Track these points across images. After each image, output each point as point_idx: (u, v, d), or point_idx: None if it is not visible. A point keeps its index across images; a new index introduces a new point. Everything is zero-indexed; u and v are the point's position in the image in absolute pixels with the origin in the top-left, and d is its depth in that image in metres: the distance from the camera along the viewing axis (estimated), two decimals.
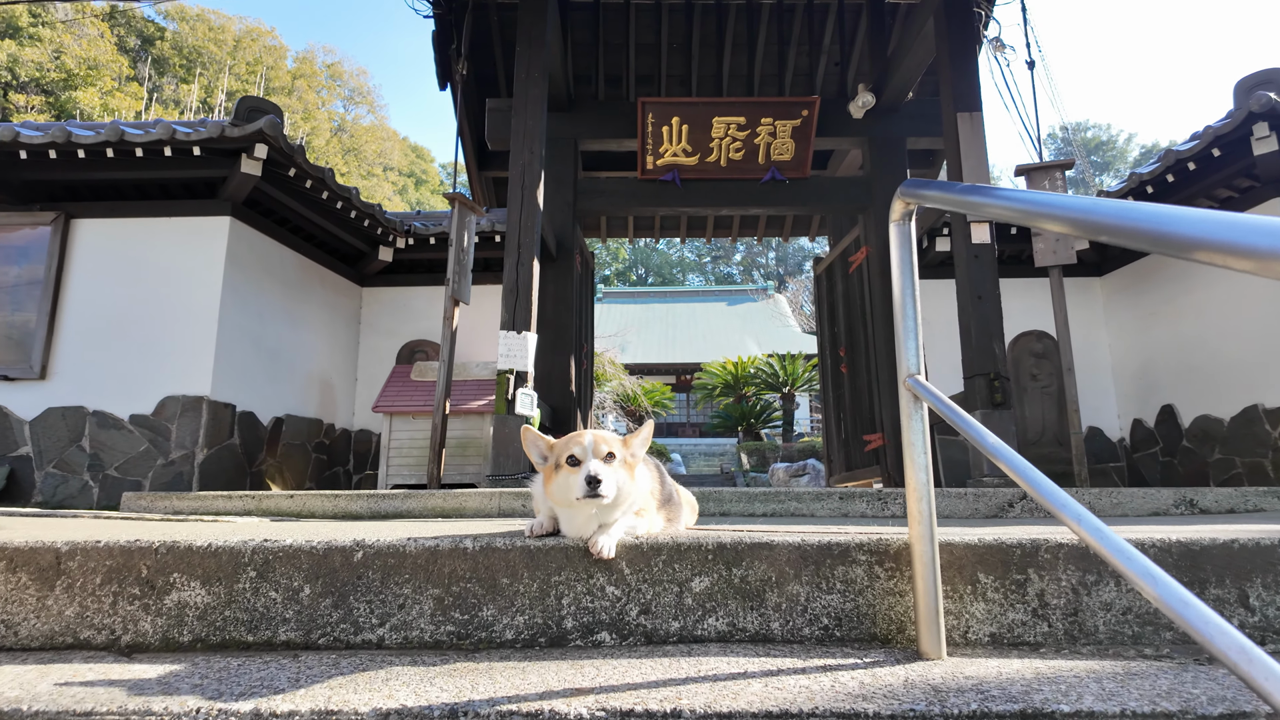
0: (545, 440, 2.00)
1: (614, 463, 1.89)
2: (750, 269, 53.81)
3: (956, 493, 4.90)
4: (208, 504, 4.92)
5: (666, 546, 1.96)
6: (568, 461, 1.89)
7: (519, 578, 1.94)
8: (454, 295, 5.94)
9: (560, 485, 1.89)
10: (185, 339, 5.99)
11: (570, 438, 1.94)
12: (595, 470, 1.80)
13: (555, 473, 1.92)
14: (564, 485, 1.88)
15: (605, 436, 1.94)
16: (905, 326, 1.92)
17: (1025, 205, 1.29)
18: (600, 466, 1.83)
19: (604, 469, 1.83)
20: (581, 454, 1.87)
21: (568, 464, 1.89)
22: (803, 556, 1.95)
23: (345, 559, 1.96)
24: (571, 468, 1.87)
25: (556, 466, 1.93)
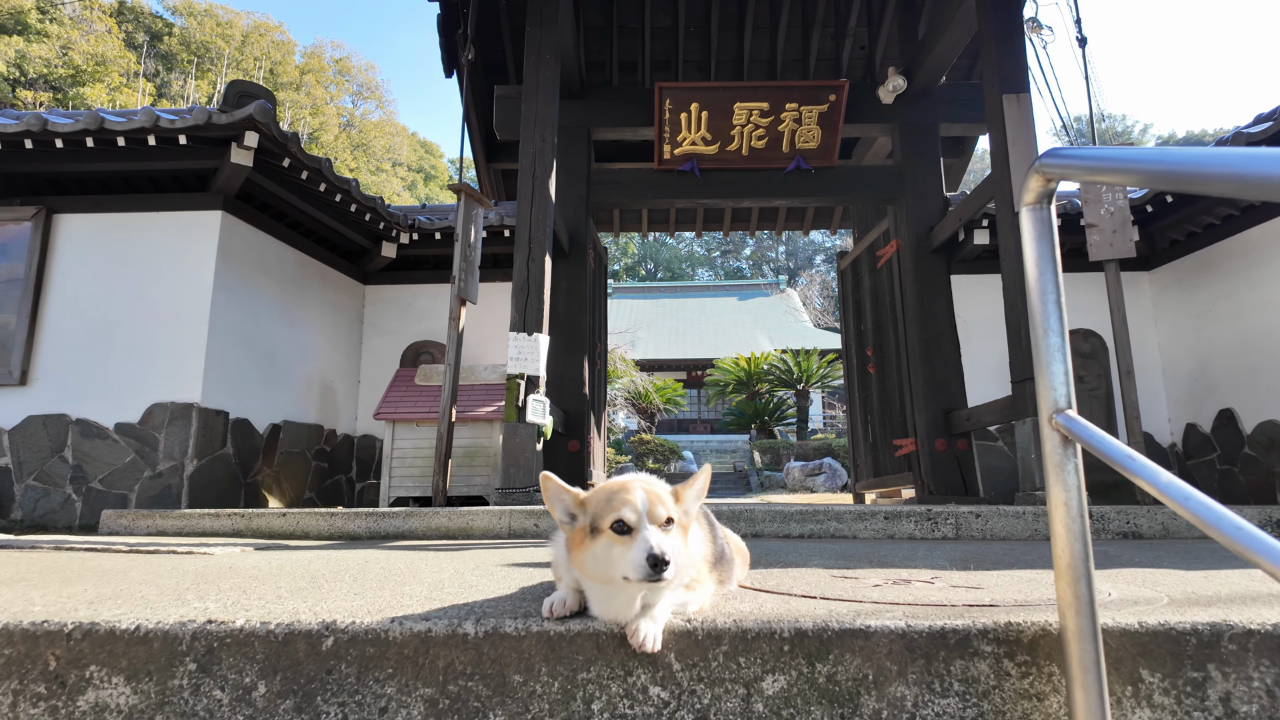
0: (573, 494, 1.54)
1: (671, 530, 1.44)
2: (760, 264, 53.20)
3: (1013, 511, 4.42)
4: (193, 523, 4.52)
5: (728, 634, 1.51)
6: (613, 528, 1.42)
7: (535, 674, 1.50)
8: (461, 294, 5.50)
9: (598, 558, 1.43)
10: (174, 342, 5.58)
11: (613, 493, 1.47)
12: (659, 546, 1.34)
13: (591, 540, 1.46)
14: (604, 558, 1.42)
15: (659, 493, 1.48)
16: (1048, 345, 1.46)
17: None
18: (662, 539, 1.36)
19: (667, 542, 1.37)
20: (635, 519, 1.40)
21: (613, 530, 1.42)
22: (908, 647, 1.50)
23: (311, 647, 1.52)
24: (619, 536, 1.41)
25: (593, 530, 1.46)
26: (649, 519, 1.41)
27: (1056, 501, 1.41)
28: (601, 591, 1.50)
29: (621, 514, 1.42)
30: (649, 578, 1.33)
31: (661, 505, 1.44)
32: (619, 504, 1.43)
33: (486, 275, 7.50)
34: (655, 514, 1.42)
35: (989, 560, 2.95)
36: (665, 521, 1.42)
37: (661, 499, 1.46)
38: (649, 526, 1.40)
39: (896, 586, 2.06)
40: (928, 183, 7.57)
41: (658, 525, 1.41)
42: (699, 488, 1.56)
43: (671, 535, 1.43)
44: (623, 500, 1.44)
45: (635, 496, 1.44)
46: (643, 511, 1.41)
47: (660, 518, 1.42)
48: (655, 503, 1.44)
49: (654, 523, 1.41)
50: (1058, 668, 1.48)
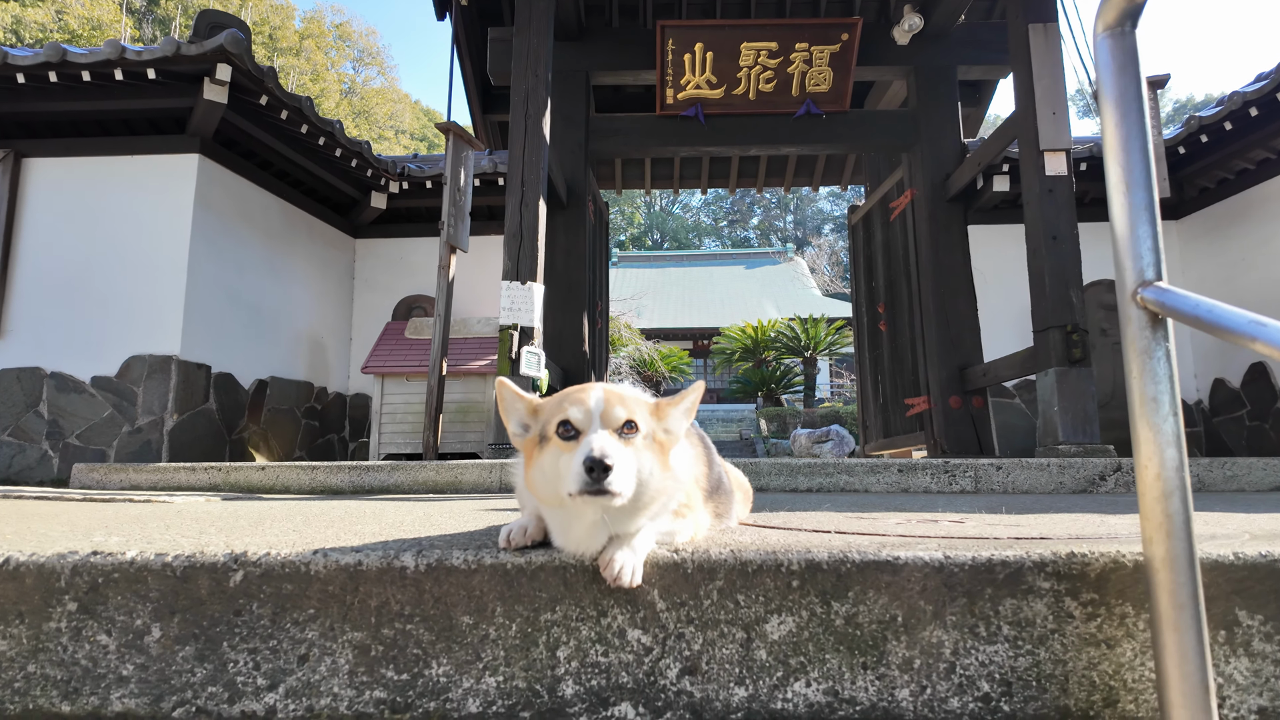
0: (527, 401, 1.26)
1: (635, 438, 1.15)
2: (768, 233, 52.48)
3: (1037, 463, 4.13)
4: (168, 477, 4.28)
5: (724, 566, 1.23)
6: (558, 431, 1.15)
7: (488, 615, 1.23)
8: (450, 241, 5.19)
9: (545, 471, 1.16)
10: (152, 292, 5.32)
11: (567, 393, 1.21)
12: (602, 449, 1.06)
13: (540, 451, 1.19)
14: (550, 471, 1.15)
15: (622, 395, 1.20)
16: (1132, 203, 1.15)
17: None
18: (611, 444, 1.09)
19: (617, 448, 1.09)
20: (582, 419, 1.14)
21: (559, 435, 1.15)
22: (946, 583, 1.22)
23: (216, 584, 1.26)
24: (565, 442, 1.14)
25: (542, 439, 1.19)
26: (602, 421, 1.13)
27: (1141, 398, 1.12)
28: (557, 517, 1.23)
29: (568, 414, 1.14)
30: (587, 488, 1.05)
31: (622, 407, 1.16)
32: (569, 404, 1.16)
33: (481, 229, 7.18)
34: (611, 416, 1.14)
35: (1018, 508, 2.67)
36: (624, 426, 1.14)
37: (624, 400, 1.18)
38: (599, 430, 1.11)
39: (923, 524, 1.78)
40: (944, 128, 7.16)
41: (612, 430, 1.13)
42: (688, 404, 1.27)
43: (636, 446, 1.15)
44: (574, 400, 1.17)
45: (589, 396, 1.16)
46: (594, 411, 1.14)
47: (617, 420, 1.14)
48: (613, 404, 1.15)
49: (608, 426, 1.13)
50: (1132, 607, 1.20)
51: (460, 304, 6.86)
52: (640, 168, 9.32)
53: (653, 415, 1.23)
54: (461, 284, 6.80)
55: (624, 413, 1.15)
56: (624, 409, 1.16)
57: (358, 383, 7.14)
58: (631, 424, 1.15)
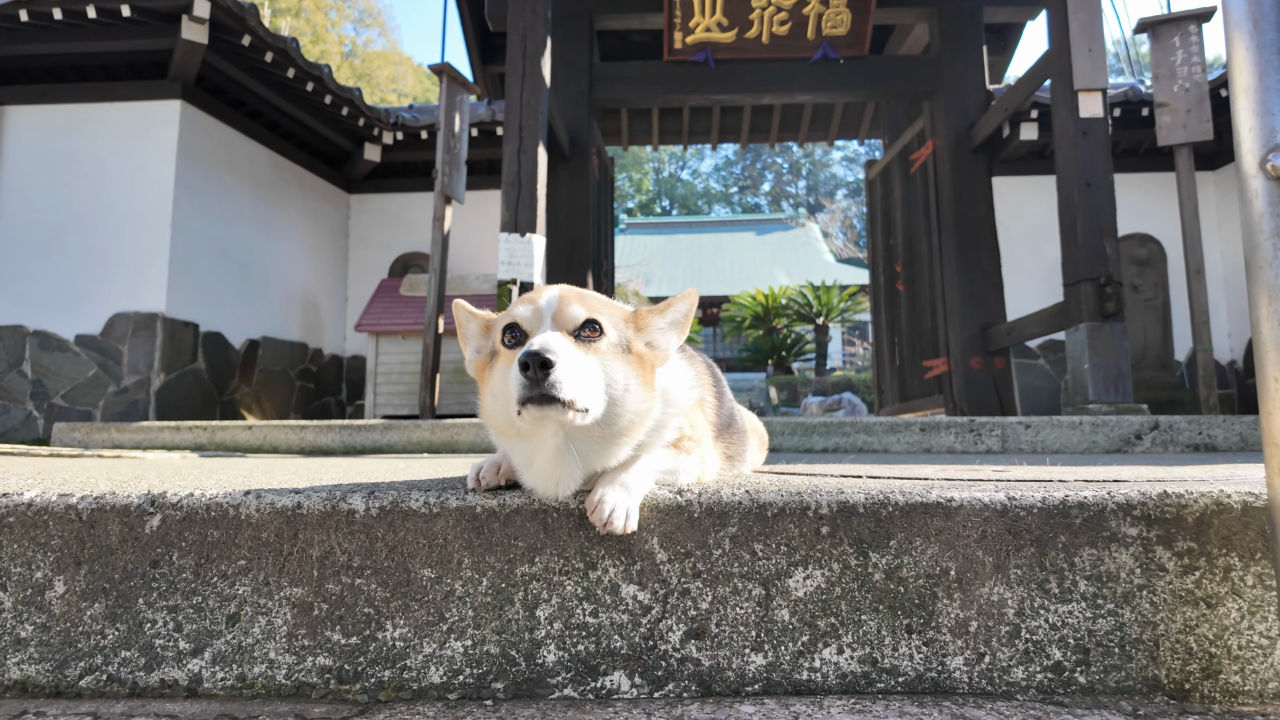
0: (481, 316, 1.06)
1: (599, 343, 0.93)
2: (779, 199, 51.67)
3: (1069, 421, 3.90)
4: (152, 436, 4.11)
5: (739, 509, 1.01)
6: (505, 339, 0.95)
7: (454, 568, 1.02)
8: (445, 191, 4.94)
9: (495, 392, 0.96)
10: (135, 246, 5.10)
11: (520, 297, 1.00)
12: (543, 343, 0.85)
13: (490, 369, 0.99)
14: (500, 390, 0.94)
15: (586, 295, 0.99)
16: (1262, 44, 0.89)
17: None
18: (556, 340, 0.87)
19: (564, 345, 0.87)
20: (530, 319, 0.93)
21: (505, 344, 0.95)
22: (1011, 529, 1.00)
23: (129, 530, 1.05)
24: (511, 350, 0.93)
25: (493, 356, 0.99)
26: (554, 321, 0.92)
27: (1272, 291, 0.88)
28: (518, 449, 1.01)
29: (515, 314, 0.94)
30: (526, 393, 0.83)
31: (580, 305, 0.94)
32: (517, 305, 0.96)
33: (480, 182, 6.91)
34: (566, 315, 0.92)
35: (1058, 464, 2.45)
36: (584, 328, 0.92)
37: (585, 299, 0.96)
38: (548, 330, 0.90)
39: (960, 474, 1.55)
40: (968, 74, 6.79)
41: (567, 331, 0.91)
42: (676, 313, 1.04)
43: (600, 352, 0.92)
44: (523, 300, 0.96)
45: (541, 295, 0.95)
46: (545, 312, 0.93)
47: (573, 320, 0.92)
48: (569, 301, 0.94)
49: (561, 327, 0.91)
50: (1239, 558, 0.98)
51: (459, 261, 6.62)
52: (647, 120, 8.97)
53: (629, 323, 1.01)
54: (460, 240, 6.56)
55: (583, 311, 0.93)
56: (583, 307, 0.94)
57: (354, 343, 6.95)
58: (593, 324, 0.93)
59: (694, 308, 1.06)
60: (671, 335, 1.04)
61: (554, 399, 0.84)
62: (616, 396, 0.92)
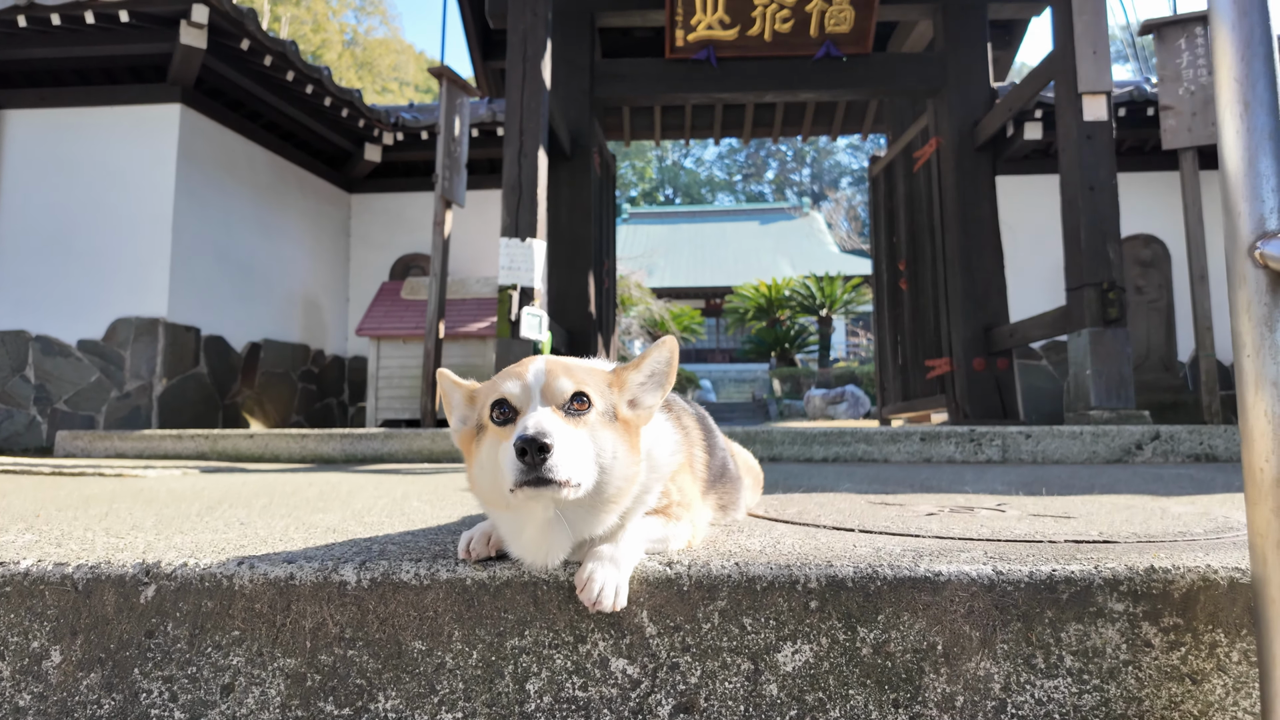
0: (465, 386, 1.05)
1: (588, 415, 0.94)
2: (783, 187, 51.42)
3: (1069, 432, 3.89)
4: (154, 445, 4.14)
5: (728, 583, 1.02)
6: (494, 415, 0.94)
7: (444, 640, 1.03)
8: (445, 195, 4.93)
9: (483, 466, 0.96)
10: (136, 251, 5.11)
11: (504, 370, 1.00)
12: (538, 425, 0.85)
13: (477, 443, 0.99)
14: (489, 465, 0.94)
15: (571, 365, 0.99)
16: (1252, 128, 0.89)
17: None
18: (550, 420, 0.88)
19: (558, 424, 0.88)
20: (519, 396, 0.93)
21: (494, 420, 0.94)
22: (998, 604, 1.00)
23: (124, 599, 1.06)
24: (501, 427, 0.93)
25: (479, 429, 0.99)
26: (543, 396, 0.92)
27: (1258, 381, 0.88)
28: (507, 522, 1.01)
29: (503, 390, 0.93)
30: (523, 477, 0.84)
31: (567, 378, 0.94)
32: (503, 380, 0.95)
33: (481, 182, 6.89)
34: (554, 389, 0.92)
35: (1057, 484, 2.45)
36: (573, 400, 0.92)
37: (571, 370, 0.96)
38: (539, 408, 0.90)
39: (958, 515, 1.56)
40: (973, 71, 6.73)
41: (557, 406, 0.91)
42: (654, 364, 1.03)
43: (589, 424, 0.93)
44: (509, 374, 0.96)
45: (528, 368, 0.95)
46: (533, 386, 0.93)
47: (562, 394, 0.92)
48: (557, 375, 0.94)
49: (551, 402, 0.92)
50: (1224, 634, 0.98)
51: (460, 261, 6.62)
52: (649, 116, 8.92)
53: (612, 387, 1.00)
54: (460, 242, 6.55)
55: (570, 384, 0.93)
56: (570, 380, 0.94)
57: (356, 344, 6.96)
58: (582, 397, 0.93)
59: (675, 357, 1.04)
60: (654, 390, 1.04)
61: (550, 480, 0.84)
62: (605, 465, 0.93)
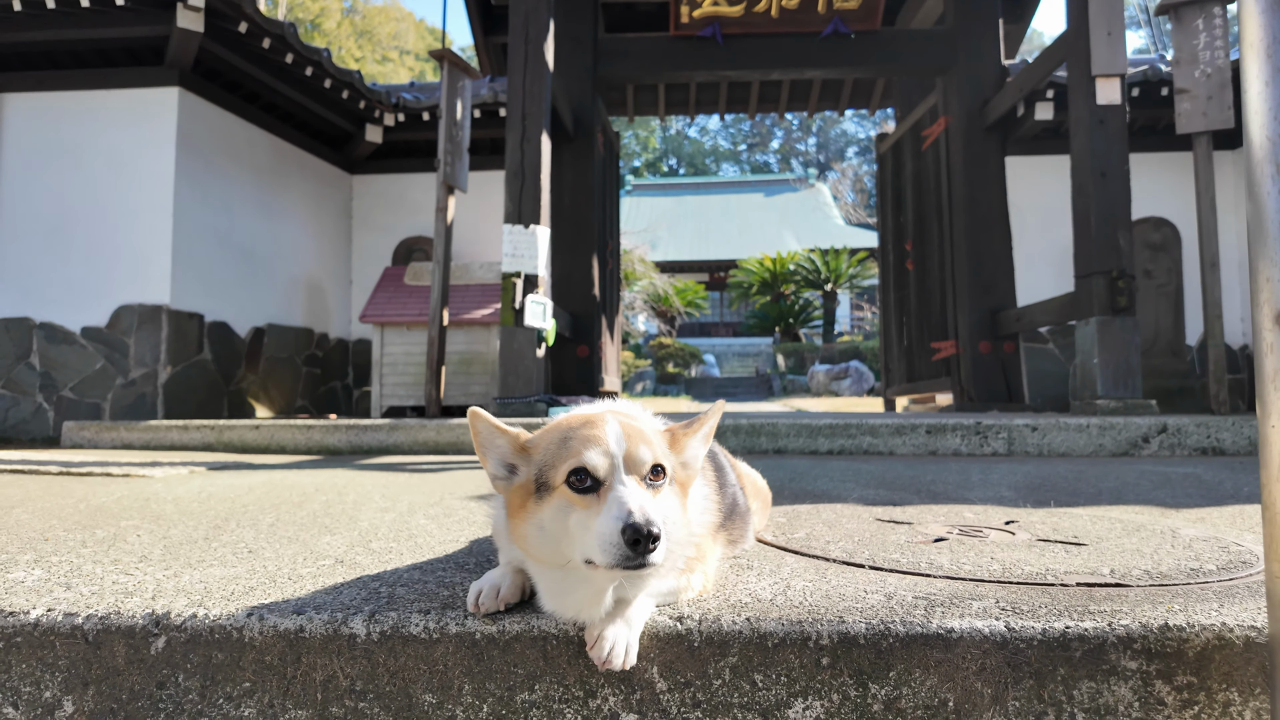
0: (511, 435, 1.00)
1: (662, 486, 0.93)
2: (789, 157, 50.80)
3: (1075, 424, 3.88)
4: (160, 436, 4.15)
5: (739, 639, 1.01)
6: (569, 483, 0.90)
7: (454, 693, 1.03)
8: (447, 180, 4.87)
9: (547, 530, 0.92)
10: (137, 237, 5.08)
11: (571, 429, 0.95)
12: (643, 512, 0.83)
13: (537, 503, 0.94)
14: (556, 531, 0.91)
15: (643, 431, 0.96)
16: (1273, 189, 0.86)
17: None
18: (648, 502, 0.86)
19: (655, 506, 0.87)
20: (604, 468, 0.89)
21: (569, 486, 0.90)
22: (1010, 662, 0.99)
23: (134, 651, 1.06)
24: (579, 496, 0.89)
25: (540, 488, 0.94)
26: (626, 468, 0.89)
27: None
28: (554, 579, 0.99)
29: (584, 459, 0.88)
30: (626, 562, 0.82)
31: (646, 446, 0.91)
32: (580, 444, 0.90)
33: (484, 163, 6.80)
34: (636, 459, 0.90)
35: (1063, 489, 2.44)
36: (652, 472, 0.91)
37: (646, 438, 0.93)
38: (626, 480, 0.88)
39: (968, 541, 1.55)
40: (983, 49, 6.59)
41: (639, 478, 0.89)
42: (708, 429, 1.03)
43: (663, 495, 0.92)
44: (586, 439, 0.91)
45: (606, 433, 0.91)
46: (617, 456, 0.89)
47: (643, 465, 0.90)
48: (637, 442, 0.91)
49: (634, 473, 0.89)
50: (1238, 693, 0.98)
51: (462, 246, 6.57)
52: (653, 93, 8.78)
53: (671, 449, 0.99)
54: (463, 225, 6.49)
55: (650, 455, 0.91)
56: (649, 450, 0.91)
57: (360, 328, 6.94)
58: (659, 470, 0.92)
59: (718, 419, 1.05)
60: (702, 449, 1.04)
61: (647, 564, 0.83)
62: (670, 534, 0.92)
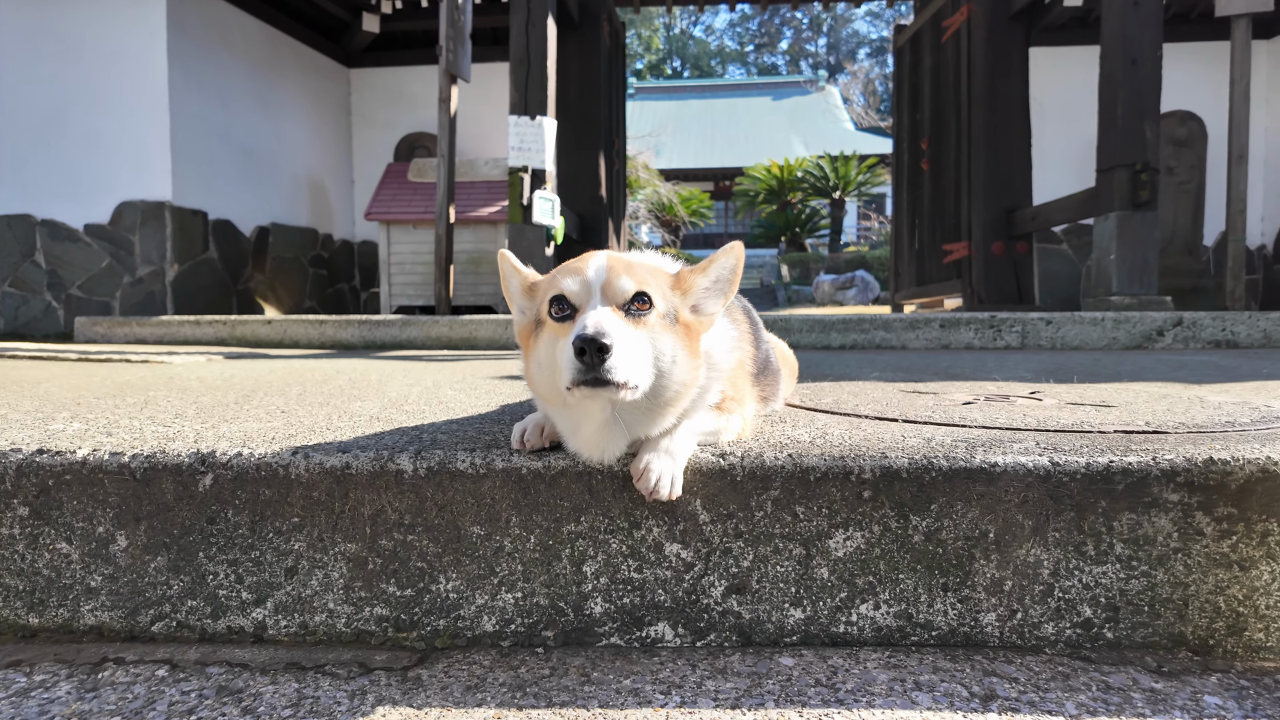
0: (524, 274, 1.02)
1: (648, 316, 0.91)
2: (797, 59, 48.65)
3: (1090, 318, 3.86)
4: (173, 331, 4.15)
5: (781, 474, 1.02)
6: (552, 311, 0.92)
7: (502, 526, 1.05)
8: (449, 69, 4.66)
9: (540, 362, 0.95)
10: (135, 130, 4.92)
11: (563, 265, 0.97)
12: (597, 324, 0.83)
13: (535, 338, 0.97)
14: (546, 361, 0.93)
15: (633, 263, 0.95)
16: None
17: None
18: (610, 319, 0.86)
19: (617, 325, 0.86)
20: (579, 293, 0.91)
21: (552, 316, 0.92)
22: (1053, 494, 1.01)
23: (183, 488, 1.07)
24: (559, 323, 0.92)
25: (537, 324, 0.97)
26: (604, 295, 0.89)
27: None
28: (563, 418, 1.01)
29: (561, 286, 0.91)
30: (580, 377, 0.83)
31: (629, 277, 0.91)
32: (562, 275, 0.93)
33: (488, 53, 6.50)
34: (615, 288, 0.90)
35: (1082, 371, 2.44)
36: (634, 301, 0.90)
37: (633, 269, 0.92)
38: (598, 307, 0.88)
39: (997, 404, 1.55)
40: None
41: (617, 306, 0.89)
42: (720, 270, 1.00)
43: (650, 326, 0.91)
44: (569, 269, 0.93)
45: (589, 264, 0.92)
46: (594, 283, 0.90)
47: (623, 293, 0.90)
48: (618, 273, 0.91)
49: (612, 301, 0.89)
50: (1276, 524, 0.99)
51: (466, 143, 6.36)
52: None
53: (675, 289, 0.97)
54: (466, 119, 6.27)
55: (632, 284, 0.90)
56: (631, 279, 0.91)
57: (365, 229, 6.82)
58: (643, 298, 0.91)
59: (740, 264, 1.01)
60: (717, 297, 1.01)
61: (607, 381, 0.83)
62: (664, 369, 0.91)
